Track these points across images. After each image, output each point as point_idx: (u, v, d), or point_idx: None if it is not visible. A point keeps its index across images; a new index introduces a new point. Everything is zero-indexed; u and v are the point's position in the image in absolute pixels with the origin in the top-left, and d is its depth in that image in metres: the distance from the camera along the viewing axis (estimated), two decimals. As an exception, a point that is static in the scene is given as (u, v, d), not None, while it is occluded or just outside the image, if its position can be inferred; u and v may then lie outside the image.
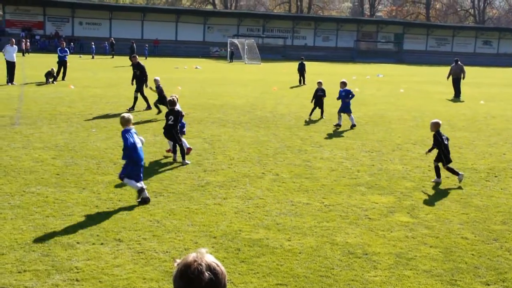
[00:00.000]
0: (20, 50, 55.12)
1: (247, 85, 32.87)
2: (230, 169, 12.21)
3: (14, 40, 30.62)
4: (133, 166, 9.69)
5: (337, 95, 19.24)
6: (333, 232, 8.53)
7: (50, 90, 25.87)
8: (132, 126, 9.91)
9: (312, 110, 20.35)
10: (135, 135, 9.76)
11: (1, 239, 7.67)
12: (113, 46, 61.24)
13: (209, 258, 2.69)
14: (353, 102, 19.21)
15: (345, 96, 18.85)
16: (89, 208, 9.22)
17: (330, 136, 16.85)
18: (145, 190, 9.65)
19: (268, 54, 76.15)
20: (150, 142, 14.70)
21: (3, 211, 8.83)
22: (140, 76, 21.33)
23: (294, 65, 42.90)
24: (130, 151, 9.58)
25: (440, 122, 12.09)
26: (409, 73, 55.06)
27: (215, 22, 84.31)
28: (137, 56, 22.63)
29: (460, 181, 11.65)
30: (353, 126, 18.51)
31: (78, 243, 7.68)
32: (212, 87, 30.94)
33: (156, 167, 12.13)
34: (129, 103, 22.12)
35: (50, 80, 29.15)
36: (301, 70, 35.79)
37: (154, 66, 49.14)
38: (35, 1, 78.45)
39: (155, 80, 19.53)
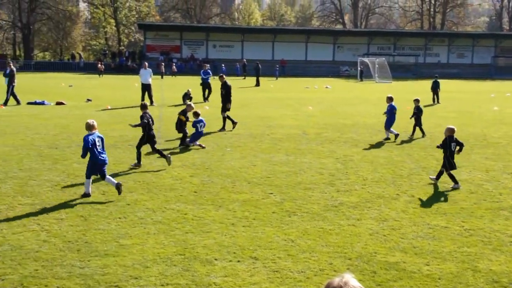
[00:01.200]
0: (159, 73, 58.25)
1: (378, 104, 32.34)
2: (364, 190, 12.05)
3: (147, 63, 32.36)
4: (93, 165, 11.09)
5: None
6: (475, 258, 8.12)
7: (187, 111, 26.95)
8: (95, 131, 11.32)
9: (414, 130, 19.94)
10: (97, 139, 11.18)
11: (145, 253, 8.07)
12: (245, 67, 62.84)
13: (354, 282, 2.66)
14: (492, 121, 18.30)
15: (390, 111, 19.14)
16: (225, 225, 9.45)
17: (468, 157, 16.14)
18: (90, 188, 11.18)
19: (399, 72, 74.70)
20: (283, 162, 14.86)
21: (146, 226, 9.29)
22: (225, 96, 21.28)
23: (427, 83, 41.74)
24: (90, 152, 11.06)
25: (455, 129, 12.84)
26: (554, 90, 51.65)
27: (345, 41, 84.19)
28: (224, 76, 22.64)
29: (453, 189, 12.25)
30: (387, 138, 18.94)
31: (216, 259, 7.90)
32: (343, 106, 30.82)
33: (289, 187, 12.21)
34: (261, 123, 22.57)
35: (187, 101, 30.41)
36: (435, 88, 34.70)
37: (285, 86, 49.82)
38: (173, 27, 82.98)
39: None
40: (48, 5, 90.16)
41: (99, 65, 66.67)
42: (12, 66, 29.60)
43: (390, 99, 19.33)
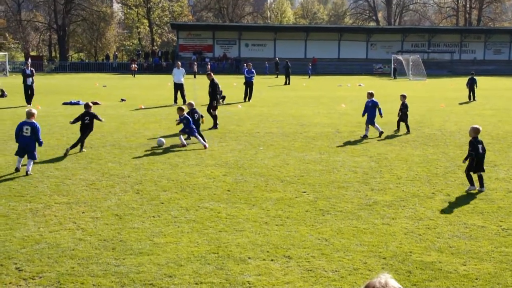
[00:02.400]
0: (192, 72, 58.56)
1: (413, 102, 31.85)
2: (398, 188, 11.91)
3: (180, 63, 32.62)
4: (18, 146, 13.26)
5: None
6: (513, 258, 7.95)
7: (220, 110, 27.04)
8: (33, 119, 13.36)
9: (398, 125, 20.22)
10: (25, 126, 13.16)
11: (179, 251, 8.10)
12: (278, 66, 62.71)
13: (394, 283, 2.62)
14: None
15: (372, 107, 19.07)
16: (258, 224, 9.44)
17: (505, 155, 15.84)
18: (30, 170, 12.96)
19: (434, 69, 73.78)
20: (316, 160, 14.78)
21: (180, 225, 9.33)
22: (211, 93, 21.43)
23: (462, 80, 41.10)
24: (16, 136, 13.37)
25: (480, 128, 12.10)
26: None
27: (378, 38, 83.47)
28: (212, 74, 22.78)
29: (479, 192, 11.58)
30: (381, 133, 18.99)
31: (249, 258, 7.89)
32: (376, 104, 30.50)
33: (322, 185, 12.13)
34: (293, 121, 22.51)
35: (220, 100, 30.46)
36: (471, 85, 34.13)
37: (317, 85, 49.64)
38: (206, 26, 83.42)
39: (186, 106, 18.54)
40: (82, 6, 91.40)
41: (133, 65, 67.30)
42: (30, 67, 30.99)
43: (370, 95, 19.44)
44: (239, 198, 11.08)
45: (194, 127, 17.04)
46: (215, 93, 21.31)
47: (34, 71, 30.45)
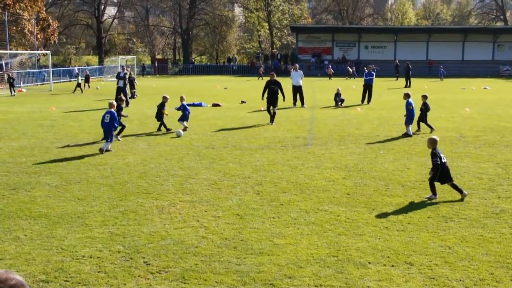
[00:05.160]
0: (327, 75, 59.28)
1: (544, 106, 30.17)
2: (528, 197, 11.29)
3: (297, 65, 32.80)
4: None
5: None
6: None
7: (338, 113, 26.96)
8: (112, 109, 16.31)
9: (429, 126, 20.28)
10: (107, 115, 16.14)
11: (299, 253, 8.17)
12: (398, 68, 61.39)
13: None
14: None
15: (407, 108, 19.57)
16: (378, 229, 9.31)
17: None
18: (104, 148, 16.09)
19: None
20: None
21: (300, 227, 9.40)
22: (277, 92, 23.39)
23: None
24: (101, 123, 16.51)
25: (438, 139, 11.65)
26: None
27: (506, 39, 79.32)
28: (274, 74, 24.88)
29: (462, 199, 11.09)
30: (407, 135, 19.33)
31: (369, 263, 7.81)
32: (504, 108, 29.09)
33: (445, 191, 11.74)
34: (414, 125, 21.94)
35: (339, 103, 30.33)
36: None
37: (439, 87, 48.07)
38: (325, 29, 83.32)
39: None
40: (206, 11, 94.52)
41: (261, 68, 67.46)
42: (126, 70, 32.72)
43: (407, 96, 19.82)
44: (358, 202, 11.00)
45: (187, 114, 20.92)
46: (282, 92, 23.50)
47: (127, 74, 32.25)
